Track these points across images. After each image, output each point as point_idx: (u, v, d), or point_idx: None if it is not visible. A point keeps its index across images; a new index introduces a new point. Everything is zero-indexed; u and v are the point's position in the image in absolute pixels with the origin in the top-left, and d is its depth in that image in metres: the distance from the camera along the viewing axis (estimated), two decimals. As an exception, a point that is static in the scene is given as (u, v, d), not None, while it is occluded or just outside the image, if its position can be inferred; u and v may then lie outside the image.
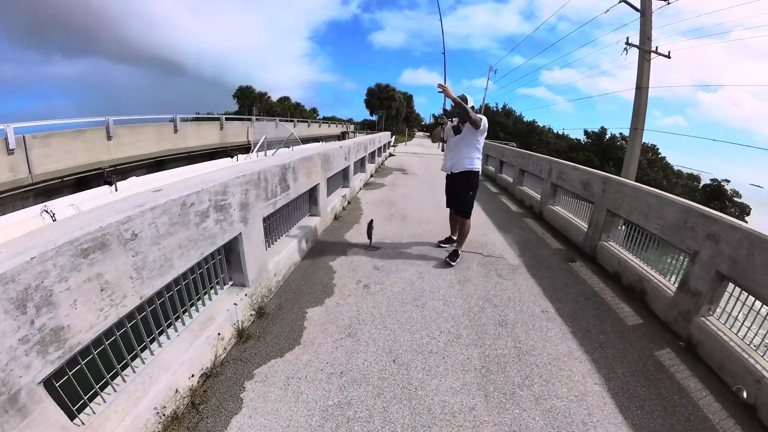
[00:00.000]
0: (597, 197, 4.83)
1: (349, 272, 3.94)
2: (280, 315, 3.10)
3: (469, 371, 2.51)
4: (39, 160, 9.78)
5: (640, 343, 2.91)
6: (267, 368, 2.49)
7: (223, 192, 2.48)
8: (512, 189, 9.31)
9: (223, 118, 19.26)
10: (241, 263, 2.85)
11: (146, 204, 1.83)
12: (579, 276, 4.15)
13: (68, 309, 1.46)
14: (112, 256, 1.64)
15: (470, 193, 4.31)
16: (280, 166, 3.48)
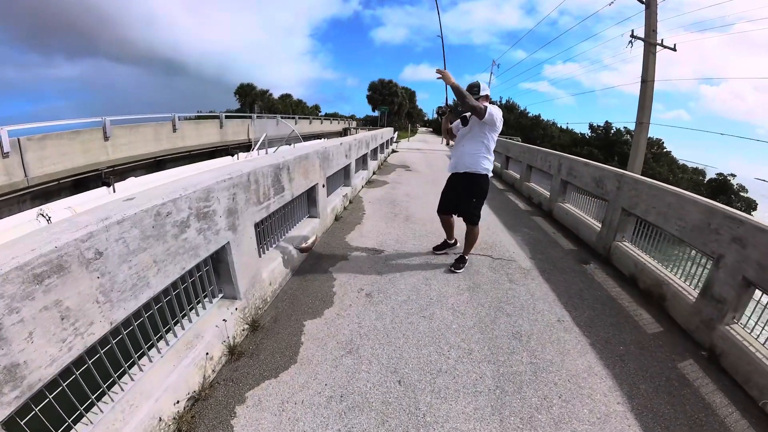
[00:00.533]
0: (611, 195, 4.58)
1: (351, 279, 3.70)
2: (276, 328, 2.87)
3: (482, 393, 2.29)
4: (35, 162, 9.58)
5: (662, 354, 2.71)
6: (260, 390, 2.26)
7: (205, 198, 2.24)
8: (519, 185, 9.05)
9: (223, 116, 18.92)
10: (230, 274, 2.62)
11: (112, 217, 1.59)
12: (594, 279, 3.92)
13: (23, 343, 1.26)
14: (73, 279, 1.41)
15: (473, 201, 3.78)
16: (272, 166, 3.22)
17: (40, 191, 9.84)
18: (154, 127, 14.24)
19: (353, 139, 7.79)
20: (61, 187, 10.45)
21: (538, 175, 8.14)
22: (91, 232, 1.48)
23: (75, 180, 10.82)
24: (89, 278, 1.48)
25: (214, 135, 18.10)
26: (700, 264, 3.16)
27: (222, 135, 18.60)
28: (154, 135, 14.13)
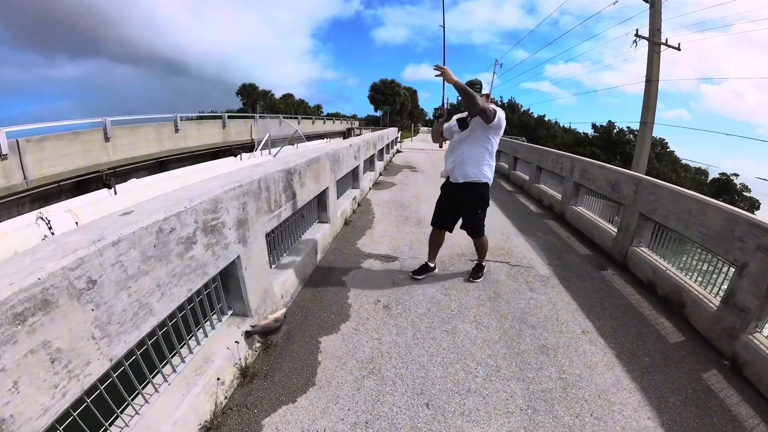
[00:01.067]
0: (628, 200, 4.41)
1: (366, 289, 3.51)
2: (290, 346, 2.68)
3: (514, 413, 2.12)
4: (34, 164, 9.36)
5: (686, 364, 2.64)
6: (278, 417, 2.08)
7: (213, 209, 2.03)
8: (528, 187, 8.84)
9: (226, 116, 18.69)
10: (241, 290, 2.42)
11: (106, 238, 1.38)
12: (613, 286, 3.78)
13: (7, 395, 1.07)
14: (63, 314, 1.22)
15: (479, 212, 3.49)
16: (284, 171, 3.03)
17: (40, 194, 9.63)
18: (156, 128, 14.05)
19: (361, 139, 7.59)
20: (62, 189, 10.25)
21: (548, 176, 7.94)
22: (82, 258, 1.28)
23: (75, 182, 10.62)
24: (82, 312, 1.29)
25: (217, 135, 17.91)
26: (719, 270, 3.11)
27: (225, 135, 18.41)
28: (156, 135, 13.93)
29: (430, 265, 3.83)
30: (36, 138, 9.54)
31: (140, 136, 13.14)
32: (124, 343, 1.47)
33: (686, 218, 3.39)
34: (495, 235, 5.13)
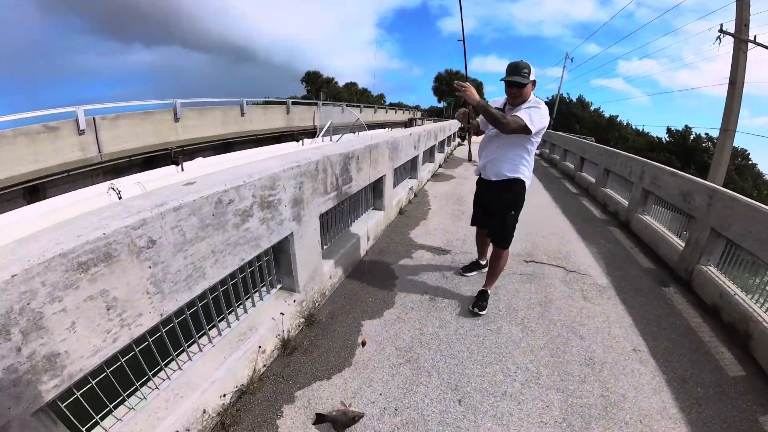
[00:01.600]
0: (700, 212, 4.00)
1: (414, 279, 3.51)
2: (332, 325, 2.75)
3: (547, 424, 2.02)
4: (108, 140, 10.33)
5: (743, 402, 2.32)
6: (310, 392, 2.14)
7: (271, 186, 2.12)
8: (594, 190, 8.37)
9: (290, 102, 19.29)
10: (291, 266, 2.51)
11: (168, 203, 1.48)
12: (674, 306, 3.45)
13: (65, 333, 1.19)
14: (122, 268, 1.33)
15: (511, 213, 2.99)
16: (342, 155, 3.07)
17: (112, 167, 10.60)
18: (223, 111, 14.83)
19: (422, 129, 7.52)
20: (132, 164, 11.20)
21: (615, 180, 7.47)
22: (144, 219, 1.38)
23: (145, 158, 11.56)
24: (140, 268, 1.39)
25: (281, 120, 18.52)
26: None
27: (288, 120, 18.99)
28: (222, 118, 14.72)
29: (480, 262, 3.68)
30: (111, 116, 10.53)
31: (207, 118, 13.97)
32: (176, 301, 1.57)
33: (765, 239, 3.01)
34: (554, 238, 4.95)
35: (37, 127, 8.92)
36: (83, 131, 9.63)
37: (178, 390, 1.77)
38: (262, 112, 17.50)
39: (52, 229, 1.26)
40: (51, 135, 9.10)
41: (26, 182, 8.80)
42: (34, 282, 1.09)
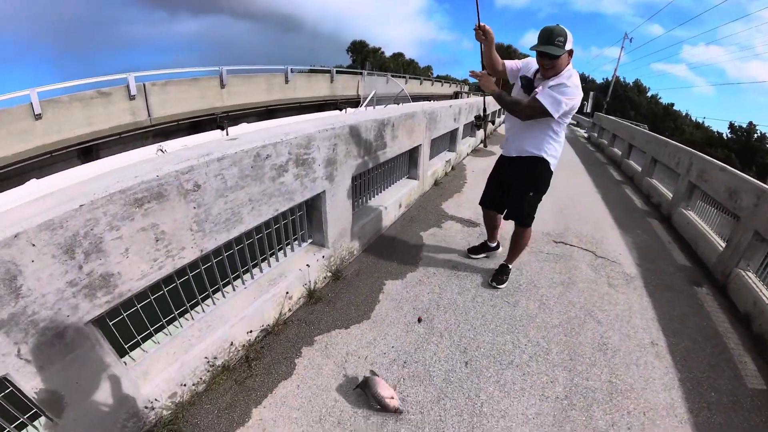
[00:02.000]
0: (745, 212, 3.76)
1: (440, 247, 3.63)
2: (356, 282, 2.94)
3: (548, 399, 2.09)
4: (157, 105, 11.00)
5: (757, 417, 2.19)
6: (329, 338, 2.35)
7: (306, 145, 2.27)
8: (639, 180, 8.03)
9: (334, 71, 19.26)
10: (322, 222, 2.70)
11: (213, 154, 1.67)
12: (703, 307, 3.31)
13: (119, 257, 1.40)
14: (170, 206, 1.53)
15: (530, 194, 2.78)
16: (377, 121, 3.17)
17: (161, 130, 11.30)
18: (267, 78, 15.15)
19: (464, 102, 7.44)
20: (180, 128, 11.87)
21: (661, 171, 7.14)
22: (192, 166, 1.57)
23: (192, 122, 12.18)
24: (186, 208, 1.58)
25: (324, 89, 18.61)
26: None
27: (332, 89, 19.05)
28: (267, 85, 15.05)
29: (490, 244, 3.49)
30: (160, 82, 11.13)
31: (252, 85, 14.36)
32: (215, 240, 1.78)
33: None
34: (588, 223, 4.87)
35: (91, 93, 9.63)
36: (134, 96, 10.29)
37: (210, 322, 1.99)
38: (306, 80, 17.65)
39: (114, 171, 1.47)
40: (104, 100, 9.80)
41: (80, 143, 9.55)
42: (97, 212, 1.29)
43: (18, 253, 1.14)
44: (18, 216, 1.19)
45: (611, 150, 11.59)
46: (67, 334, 1.32)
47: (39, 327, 1.24)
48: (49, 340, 1.27)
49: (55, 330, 1.28)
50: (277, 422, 1.82)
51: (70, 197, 1.27)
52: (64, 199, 1.26)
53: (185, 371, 1.80)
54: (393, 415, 1.88)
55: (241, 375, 2.04)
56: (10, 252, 1.12)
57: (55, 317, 1.27)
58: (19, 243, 1.13)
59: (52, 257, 1.22)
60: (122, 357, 1.65)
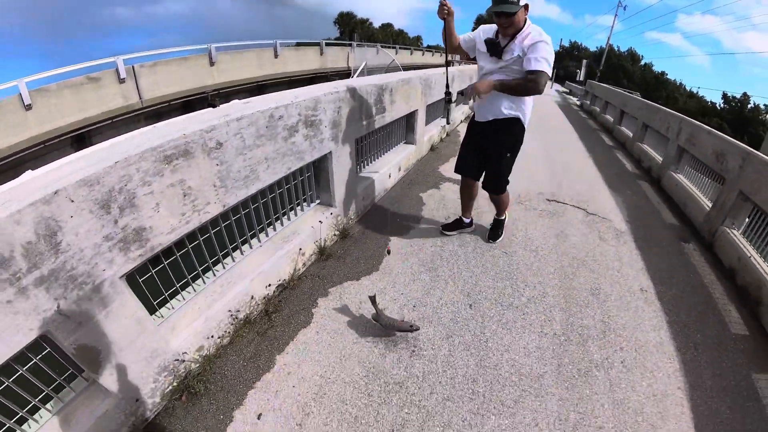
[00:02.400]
0: (731, 174, 3.93)
1: (439, 206, 3.83)
2: (363, 239, 3.13)
3: (547, 335, 2.30)
4: (147, 87, 10.91)
5: (740, 358, 2.40)
6: (342, 289, 2.54)
7: (313, 107, 2.39)
8: (630, 145, 8.18)
9: (323, 43, 19.02)
10: (329, 183, 2.85)
11: (232, 114, 1.79)
12: (690, 261, 3.51)
13: (150, 211, 1.51)
14: (196, 163, 1.64)
15: (507, 155, 2.74)
16: (377, 86, 3.29)
17: (152, 112, 11.17)
18: (257, 53, 14.98)
19: (457, 69, 7.57)
20: (171, 108, 11.74)
21: (653, 137, 7.29)
22: (214, 126, 1.69)
23: (183, 101, 12.06)
24: (209, 164, 1.70)
25: (314, 62, 18.40)
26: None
27: (322, 62, 18.83)
28: (257, 61, 14.89)
29: (464, 220, 3.33)
30: (149, 64, 10.99)
31: (242, 61, 14.19)
32: (235, 196, 1.91)
33: None
34: (580, 184, 5.05)
35: (81, 79, 9.52)
36: (123, 80, 10.21)
37: (231, 278, 2.14)
38: (295, 54, 17.41)
39: (145, 131, 1.59)
40: (94, 85, 9.72)
41: (73, 131, 9.48)
42: (131, 168, 1.39)
43: (57, 209, 1.19)
44: (56, 175, 1.27)
45: (603, 117, 11.70)
46: (103, 288, 1.39)
47: (77, 282, 1.29)
48: (86, 294, 1.33)
49: (92, 284, 1.35)
50: (300, 366, 1.99)
51: (105, 155, 1.37)
52: (100, 157, 1.36)
53: (211, 324, 1.95)
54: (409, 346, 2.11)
55: (262, 327, 2.20)
56: (50, 208, 1.17)
57: (92, 271, 1.34)
58: (59, 199, 1.19)
59: (90, 212, 1.29)
60: (151, 314, 1.73)
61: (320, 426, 1.70)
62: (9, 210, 1.09)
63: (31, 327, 1.20)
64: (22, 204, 1.12)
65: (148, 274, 1.69)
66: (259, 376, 1.93)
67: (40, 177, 1.31)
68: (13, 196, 1.17)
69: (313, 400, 1.82)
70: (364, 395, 1.85)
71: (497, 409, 1.82)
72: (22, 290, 1.15)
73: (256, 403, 1.80)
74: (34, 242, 1.16)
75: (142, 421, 1.67)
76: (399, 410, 1.79)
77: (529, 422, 1.78)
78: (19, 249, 1.13)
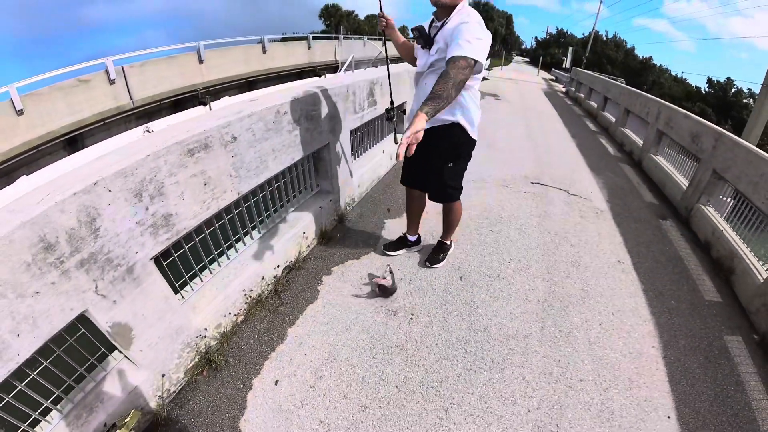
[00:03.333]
0: (705, 154, 4.20)
1: (429, 192, 4.08)
2: (361, 223, 3.37)
3: (531, 302, 2.55)
4: (137, 87, 10.88)
5: (712, 322, 2.59)
6: (344, 267, 2.77)
7: (313, 103, 2.61)
8: (613, 130, 8.48)
9: (311, 38, 19.00)
10: (328, 172, 3.07)
11: (244, 111, 2.00)
12: (666, 236, 3.75)
13: (176, 199, 1.69)
14: (214, 155, 1.84)
15: (449, 165, 2.37)
16: (368, 81, 3.50)
17: (143, 112, 11.23)
18: (245, 50, 15.00)
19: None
20: (162, 108, 11.80)
21: (634, 122, 7.58)
22: (230, 122, 1.90)
23: (174, 100, 12.12)
24: (226, 156, 1.91)
25: (302, 56, 18.42)
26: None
27: (310, 56, 18.85)
28: (245, 57, 14.90)
29: (409, 238, 2.96)
30: (138, 64, 10.96)
31: (230, 57, 14.18)
32: (248, 184, 2.13)
33: (756, 182, 3.18)
34: (563, 167, 5.30)
35: (71, 81, 9.50)
36: (113, 80, 10.21)
37: (244, 261, 2.35)
38: (283, 48, 17.41)
39: (168, 128, 1.78)
40: (84, 87, 9.69)
41: (65, 135, 9.50)
42: (159, 161, 1.57)
43: (97, 198, 1.33)
44: (92, 168, 1.42)
45: (588, 103, 11.98)
46: (135, 269, 1.53)
47: (113, 264, 1.43)
48: (120, 275, 1.47)
49: (126, 266, 1.48)
50: (310, 335, 2.21)
51: (137, 149, 1.55)
52: (133, 151, 1.53)
53: (227, 303, 2.15)
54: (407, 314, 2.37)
55: (273, 305, 2.42)
56: (90, 197, 1.30)
57: (126, 254, 1.48)
58: (98, 189, 1.33)
59: (125, 200, 1.43)
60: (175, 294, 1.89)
61: (332, 387, 1.91)
62: (54, 199, 1.22)
63: (72, 306, 1.32)
64: (66, 194, 1.24)
65: (171, 258, 1.84)
66: (273, 347, 2.13)
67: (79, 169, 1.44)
68: (56, 187, 1.29)
69: (324, 366, 2.03)
70: (370, 358, 2.08)
71: (488, 366, 2.06)
72: (65, 272, 1.27)
73: (273, 371, 1.99)
74: (77, 228, 1.28)
75: (169, 394, 1.83)
76: (401, 369, 2.02)
77: (516, 376, 2.01)
78: (63, 235, 1.25)
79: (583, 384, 2.00)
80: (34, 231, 1.17)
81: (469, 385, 1.95)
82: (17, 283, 1.15)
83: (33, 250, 1.18)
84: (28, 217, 1.15)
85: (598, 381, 2.02)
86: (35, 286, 1.20)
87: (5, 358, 1.16)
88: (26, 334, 1.21)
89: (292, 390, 1.90)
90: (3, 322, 1.14)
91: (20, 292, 1.16)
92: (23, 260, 1.15)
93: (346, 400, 1.86)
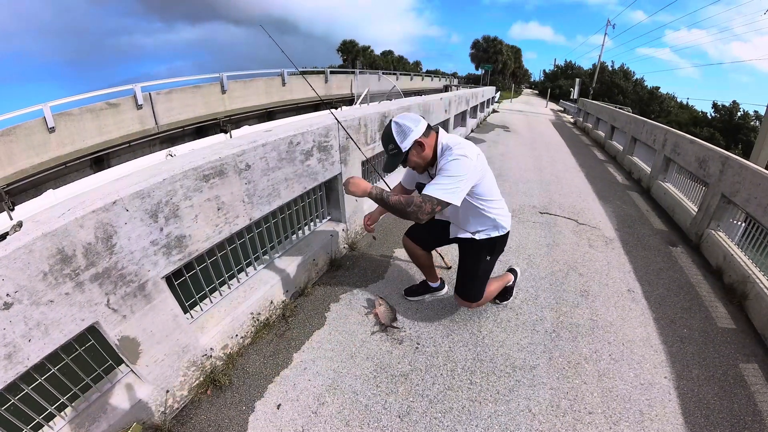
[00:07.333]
0: (713, 178, 4.18)
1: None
2: (370, 252, 3.41)
3: (539, 332, 2.52)
4: (163, 113, 11.59)
5: (726, 349, 2.52)
6: (351, 295, 2.79)
7: (325, 134, 2.70)
8: (621, 158, 8.51)
9: (328, 71, 19.83)
10: (339, 201, 3.14)
11: (258, 140, 2.09)
12: (677, 262, 3.70)
13: (190, 222, 1.76)
14: (229, 182, 1.92)
15: (487, 258, 2.31)
16: (379, 114, 3.61)
17: (167, 137, 11.88)
18: (265, 82, 15.72)
19: (453, 94, 7.93)
20: (185, 133, 12.44)
21: (642, 149, 7.62)
22: (244, 150, 1.99)
23: (197, 127, 12.77)
24: (239, 183, 1.99)
25: (319, 89, 19.10)
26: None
27: (327, 89, 19.54)
28: (265, 89, 15.63)
29: (431, 284, 2.77)
30: (165, 91, 11.69)
31: (252, 89, 14.92)
32: (260, 210, 2.20)
33: (766, 204, 3.15)
34: (571, 196, 5.32)
35: (101, 104, 10.14)
36: (141, 106, 10.84)
37: (253, 284, 2.40)
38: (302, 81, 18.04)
39: (186, 155, 1.87)
40: (113, 110, 10.33)
41: (92, 153, 10.05)
42: (176, 184, 1.65)
43: (114, 216, 1.39)
44: (113, 187, 1.49)
45: (595, 132, 12.09)
46: (147, 287, 1.58)
47: (126, 279, 1.48)
48: (132, 291, 1.51)
49: (138, 282, 1.53)
50: (315, 361, 2.22)
51: (154, 173, 1.62)
52: (150, 174, 1.60)
53: (235, 325, 2.18)
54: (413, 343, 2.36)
55: (280, 329, 2.44)
56: (108, 215, 1.37)
57: (139, 271, 1.53)
58: (116, 208, 1.39)
59: (141, 221, 1.49)
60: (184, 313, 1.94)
61: (334, 414, 1.91)
62: (75, 215, 1.28)
63: (83, 317, 1.37)
64: (86, 210, 1.31)
65: (182, 278, 1.90)
66: (278, 371, 2.14)
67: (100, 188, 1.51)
68: (78, 203, 1.36)
69: (327, 392, 2.02)
70: (373, 386, 2.07)
71: (493, 398, 2.03)
72: (79, 284, 1.33)
73: (276, 395, 2.00)
74: (93, 243, 1.35)
75: (172, 410, 1.85)
76: (405, 399, 2.00)
77: (523, 409, 1.97)
78: (81, 249, 1.31)
79: (592, 417, 1.95)
80: (53, 242, 1.24)
81: (474, 418, 1.92)
82: (33, 291, 1.21)
83: (51, 260, 1.24)
84: (49, 229, 1.22)
85: (608, 414, 1.97)
86: (50, 294, 1.26)
87: (15, 360, 1.21)
88: (37, 340, 1.26)
89: (294, 415, 1.90)
90: (16, 326, 1.19)
91: (35, 300, 1.22)
92: (41, 269, 1.22)
93: (347, 427, 1.85)
